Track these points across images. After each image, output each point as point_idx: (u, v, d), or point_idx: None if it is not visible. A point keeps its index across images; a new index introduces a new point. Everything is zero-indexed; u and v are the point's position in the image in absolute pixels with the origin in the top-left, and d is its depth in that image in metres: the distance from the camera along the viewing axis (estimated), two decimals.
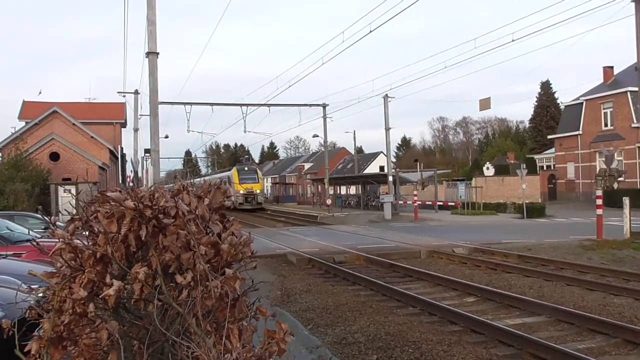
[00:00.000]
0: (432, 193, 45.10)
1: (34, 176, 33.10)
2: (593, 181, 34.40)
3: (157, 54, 18.02)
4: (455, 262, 16.53)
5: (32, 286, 3.21)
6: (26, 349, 2.86)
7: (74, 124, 43.17)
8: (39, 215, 20.29)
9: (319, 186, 65.25)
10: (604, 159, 28.57)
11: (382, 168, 66.18)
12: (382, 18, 55.28)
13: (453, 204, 41.01)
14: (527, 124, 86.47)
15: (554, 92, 73.65)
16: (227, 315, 2.82)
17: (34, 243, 3.13)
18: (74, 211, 3.19)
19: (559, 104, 68.85)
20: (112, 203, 2.87)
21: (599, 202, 20.40)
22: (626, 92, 44.05)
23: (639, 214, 19.68)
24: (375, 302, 11.11)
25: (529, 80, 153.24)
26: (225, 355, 2.69)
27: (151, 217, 2.83)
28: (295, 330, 7.33)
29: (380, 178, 48.88)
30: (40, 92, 67.64)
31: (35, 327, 3.00)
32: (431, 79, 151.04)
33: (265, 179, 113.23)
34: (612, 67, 50.99)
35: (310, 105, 43.97)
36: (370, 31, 23.48)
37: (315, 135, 58.86)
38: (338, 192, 63.93)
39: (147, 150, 40.71)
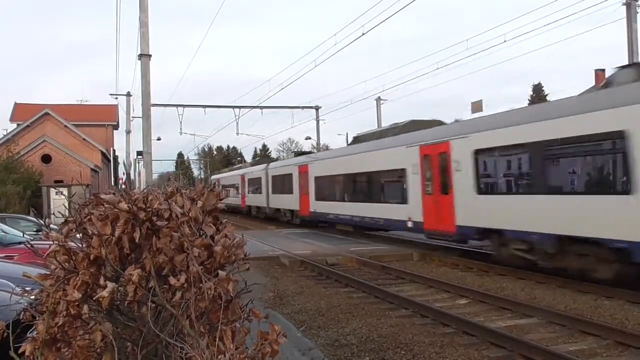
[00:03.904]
0: None
1: (25, 178, 32.97)
2: None
3: (150, 56, 17.99)
4: (448, 264, 16.57)
5: (26, 288, 3.22)
6: (20, 351, 2.87)
7: (65, 126, 43.05)
8: (31, 218, 20.23)
9: None
10: None
11: None
12: (375, 20, 55.56)
13: None
14: None
15: (546, 95, 73.85)
16: (220, 317, 2.84)
17: (28, 245, 3.13)
18: (67, 213, 3.20)
19: None
20: (106, 205, 2.89)
21: None
22: None
23: None
24: (368, 304, 11.13)
25: (521, 82, 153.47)
26: (219, 357, 2.71)
27: (145, 220, 2.85)
28: (288, 332, 7.34)
29: None
30: None
31: (29, 328, 3.01)
32: (423, 81, 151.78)
33: None
34: (603, 70, 50.98)
35: (303, 107, 43.96)
36: (363, 33, 23.48)
37: (307, 138, 58.66)
38: None
39: (139, 153, 40.61)
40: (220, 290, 2.86)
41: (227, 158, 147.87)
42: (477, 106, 36.75)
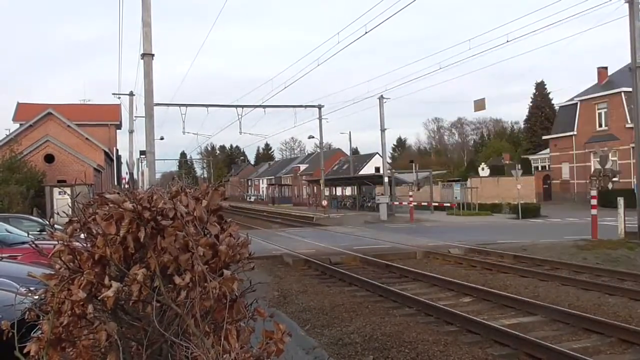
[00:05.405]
0: (428, 194, 45.25)
1: (28, 178, 32.95)
2: (587, 181, 34.51)
3: (152, 55, 18.00)
4: (451, 262, 16.57)
5: (30, 288, 3.22)
6: (25, 350, 2.87)
7: (68, 126, 43.05)
8: (34, 218, 20.26)
9: (315, 187, 65.34)
10: (598, 159, 28.68)
11: (377, 169, 66.26)
12: (378, 19, 55.57)
13: (448, 204, 41.14)
14: (522, 125, 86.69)
15: (549, 93, 73.81)
16: (225, 316, 2.83)
17: (33, 245, 3.14)
18: (72, 213, 3.19)
19: (553, 104, 69.10)
20: (111, 205, 2.89)
21: (594, 202, 20.55)
22: (620, 92, 44.27)
23: (633, 213, 19.76)
24: (372, 303, 11.13)
25: (524, 81, 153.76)
26: (224, 356, 2.71)
27: (150, 219, 2.84)
28: (292, 332, 7.33)
29: (375, 179, 48.99)
30: None
31: (33, 328, 3.01)
32: (426, 80, 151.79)
33: (260, 181, 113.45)
34: (606, 68, 51.19)
35: (306, 106, 43.97)
36: (366, 32, 23.55)
37: (310, 137, 58.67)
38: (334, 193, 64.04)
39: (142, 152, 40.73)
40: (225, 289, 2.86)
41: (230, 157, 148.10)
42: (479, 105, 36.75)
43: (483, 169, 53.27)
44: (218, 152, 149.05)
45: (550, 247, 18.29)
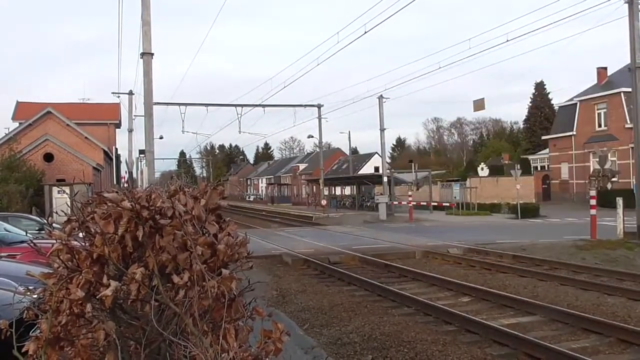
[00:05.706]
0: (427, 194, 45.28)
1: (27, 177, 32.92)
2: (587, 182, 34.51)
3: (152, 54, 17.99)
4: (450, 262, 16.56)
5: (29, 287, 3.22)
6: (24, 350, 2.86)
7: (68, 125, 43.03)
8: (33, 217, 20.24)
9: (314, 187, 65.38)
10: (597, 159, 28.70)
11: (377, 169, 66.33)
12: (377, 19, 55.70)
13: (447, 204, 41.16)
14: (521, 125, 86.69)
15: (548, 93, 73.79)
16: (223, 315, 2.83)
17: (32, 244, 3.13)
18: (70, 212, 3.19)
19: (553, 104, 69.12)
20: (109, 204, 2.88)
21: (593, 202, 20.56)
22: (620, 92, 44.28)
23: (632, 214, 19.77)
24: (371, 303, 11.12)
25: (523, 81, 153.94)
26: (222, 355, 2.70)
27: (148, 218, 2.84)
28: (291, 331, 7.30)
29: (375, 179, 49.03)
30: None
31: (32, 327, 3.01)
32: (426, 79, 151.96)
33: (259, 180, 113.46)
34: (605, 68, 51.20)
35: (305, 105, 43.95)
36: (365, 32, 23.54)
37: (310, 136, 58.71)
38: (333, 192, 64.07)
39: (141, 151, 40.76)
40: (224, 288, 2.85)
41: (230, 156, 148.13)
42: (479, 104, 36.76)
43: (482, 169, 53.28)
44: (217, 151, 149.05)
45: (549, 247, 18.29)
